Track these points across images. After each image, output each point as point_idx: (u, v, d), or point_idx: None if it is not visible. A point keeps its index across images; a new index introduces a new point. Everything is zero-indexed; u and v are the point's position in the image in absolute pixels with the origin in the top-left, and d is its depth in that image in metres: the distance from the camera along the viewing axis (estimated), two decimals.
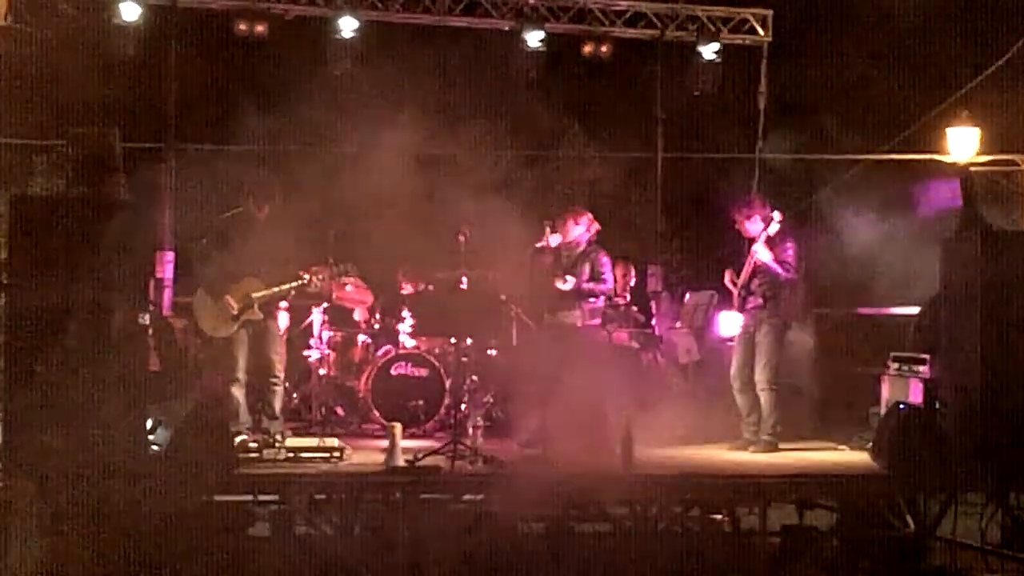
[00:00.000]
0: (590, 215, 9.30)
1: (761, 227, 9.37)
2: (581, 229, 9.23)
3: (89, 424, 6.87)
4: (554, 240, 9.19)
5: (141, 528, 6.72)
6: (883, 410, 9.55)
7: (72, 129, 7.89)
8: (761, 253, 9.27)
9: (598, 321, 9.48)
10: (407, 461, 8.00)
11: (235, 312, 8.75)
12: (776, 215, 9.32)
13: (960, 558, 8.29)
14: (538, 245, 9.19)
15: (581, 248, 9.29)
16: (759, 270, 9.34)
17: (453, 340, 9.71)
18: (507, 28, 11.91)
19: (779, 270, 9.27)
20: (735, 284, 9.50)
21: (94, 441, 6.84)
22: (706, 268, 10.30)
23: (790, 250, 9.37)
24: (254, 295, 8.78)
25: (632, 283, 11.25)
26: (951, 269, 8.76)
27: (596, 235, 9.49)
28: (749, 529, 8.30)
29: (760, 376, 9.37)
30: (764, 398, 9.37)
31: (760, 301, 9.37)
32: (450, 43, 12.09)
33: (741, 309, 9.46)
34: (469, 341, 9.88)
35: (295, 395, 10.48)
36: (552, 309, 9.22)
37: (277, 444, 8.12)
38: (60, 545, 6.59)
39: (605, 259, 9.32)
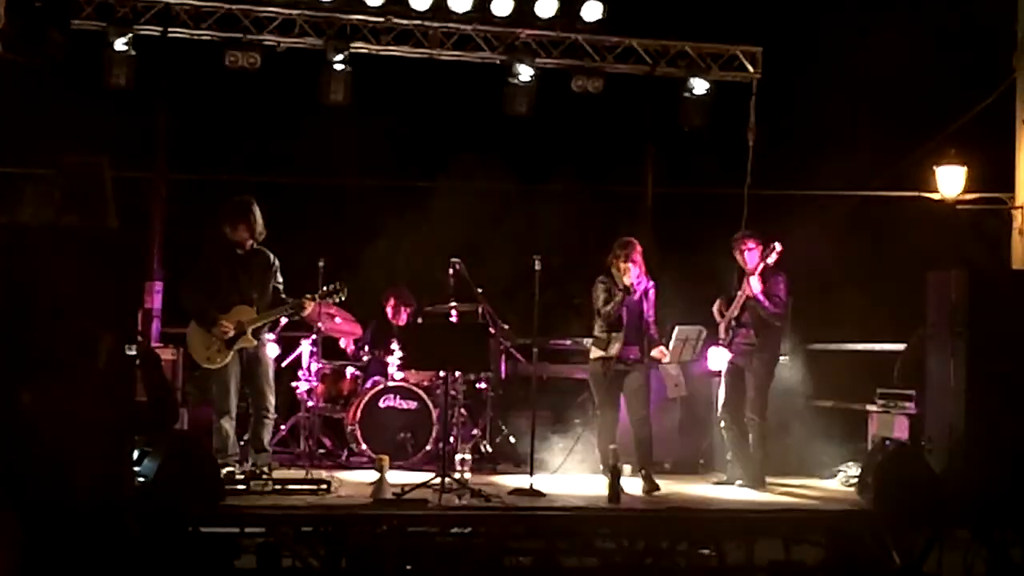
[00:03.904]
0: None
1: (759, 259, 9.38)
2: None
3: (74, 455, 6.82)
4: (633, 275, 9.11)
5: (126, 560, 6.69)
6: (870, 446, 9.56)
7: (62, 157, 7.88)
8: (754, 284, 9.27)
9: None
10: (394, 494, 7.99)
11: (229, 336, 8.69)
12: (777, 245, 9.30)
13: None
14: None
15: (643, 284, 9.30)
16: (750, 303, 9.35)
17: (442, 373, 9.70)
18: (499, 62, 11.98)
19: (766, 303, 9.28)
20: (722, 315, 9.52)
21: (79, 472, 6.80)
22: (695, 302, 10.29)
23: (780, 283, 9.39)
24: (249, 328, 8.75)
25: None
26: (937, 305, 8.79)
27: None
28: (736, 564, 8.27)
29: (749, 410, 9.37)
30: (752, 432, 9.37)
31: (751, 334, 9.38)
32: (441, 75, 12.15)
33: (728, 344, 9.46)
34: (458, 374, 9.87)
35: (283, 427, 10.45)
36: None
37: (264, 476, 8.10)
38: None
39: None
